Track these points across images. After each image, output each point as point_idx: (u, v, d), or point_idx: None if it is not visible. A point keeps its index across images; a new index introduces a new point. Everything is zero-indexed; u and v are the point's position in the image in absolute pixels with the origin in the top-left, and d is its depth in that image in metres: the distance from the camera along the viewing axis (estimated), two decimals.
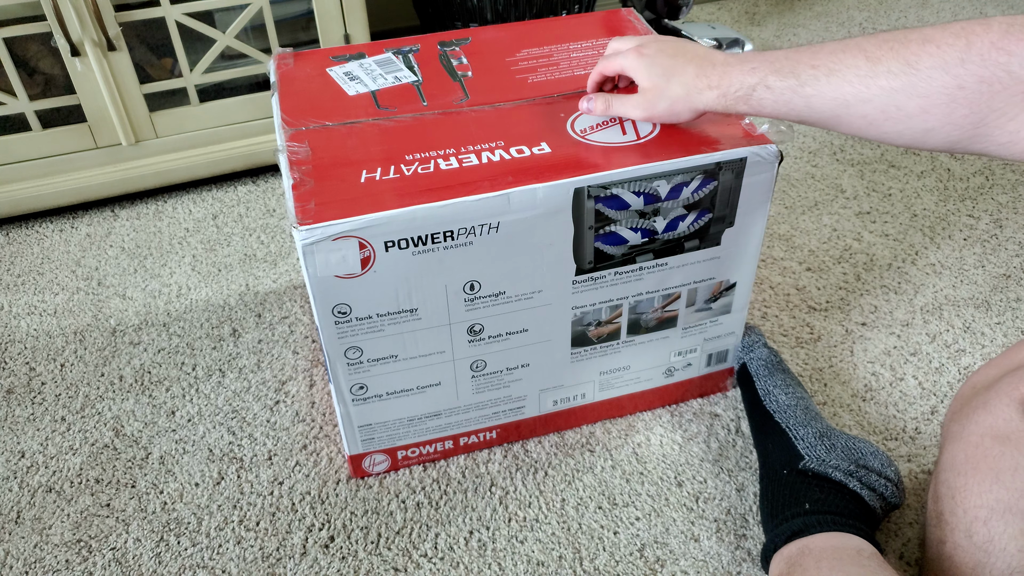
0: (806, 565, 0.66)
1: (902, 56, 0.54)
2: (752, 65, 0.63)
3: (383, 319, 0.71)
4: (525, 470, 0.84)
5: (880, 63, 0.55)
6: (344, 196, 0.66)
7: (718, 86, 0.65)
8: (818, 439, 0.76)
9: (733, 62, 0.65)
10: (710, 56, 0.67)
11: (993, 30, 0.51)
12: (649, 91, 0.70)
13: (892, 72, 0.54)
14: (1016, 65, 0.50)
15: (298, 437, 0.88)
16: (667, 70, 0.69)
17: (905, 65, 0.54)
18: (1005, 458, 0.62)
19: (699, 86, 0.66)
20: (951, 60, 0.52)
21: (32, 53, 1.18)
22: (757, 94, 0.62)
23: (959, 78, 0.52)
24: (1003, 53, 0.50)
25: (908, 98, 0.54)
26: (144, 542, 0.79)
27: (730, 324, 0.85)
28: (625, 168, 0.68)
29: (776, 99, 0.61)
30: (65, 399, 0.93)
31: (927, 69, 0.53)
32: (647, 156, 0.70)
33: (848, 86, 0.57)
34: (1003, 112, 0.51)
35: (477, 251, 0.69)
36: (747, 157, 0.71)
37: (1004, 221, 1.15)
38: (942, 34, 0.53)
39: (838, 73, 0.57)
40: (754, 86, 0.62)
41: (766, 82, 0.62)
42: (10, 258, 1.15)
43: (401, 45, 0.89)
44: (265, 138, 1.23)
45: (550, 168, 0.69)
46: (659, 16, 1.50)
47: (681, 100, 0.68)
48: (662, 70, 0.69)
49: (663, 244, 0.75)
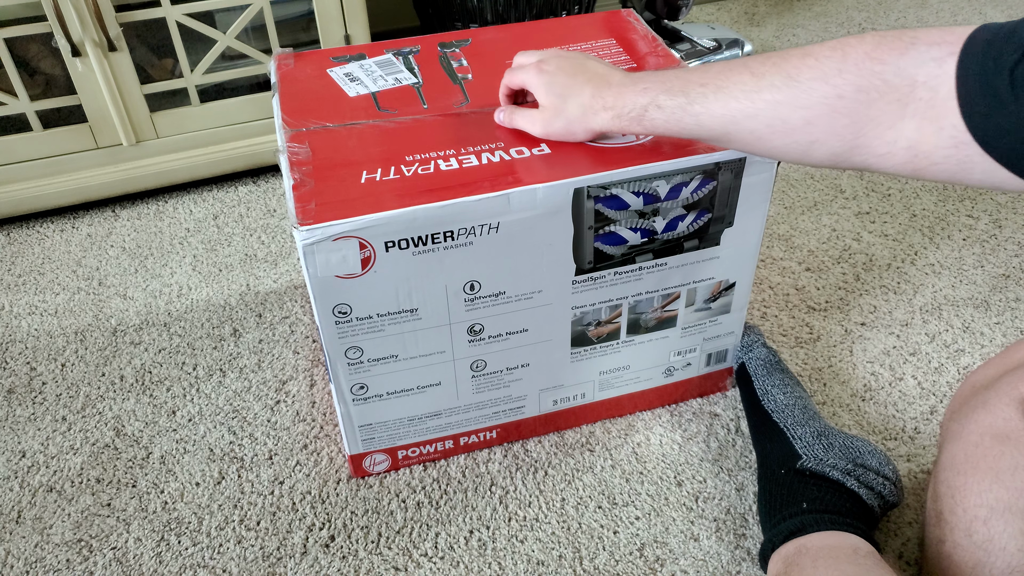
0: (803, 564, 0.66)
1: (784, 70, 0.56)
2: (644, 86, 0.64)
3: (383, 319, 0.71)
4: (525, 470, 0.84)
5: (764, 78, 0.57)
6: (344, 196, 0.66)
7: (612, 107, 0.66)
8: (816, 438, 0.77)
9: (628, 83, 0.66)
10: (608, 76, 0.68)
11: (867, 41, 0.53)
12: (547, 109, 0.71)
13: (775, 86, 0.56)
14: (890, 73, 0.51)
15: (299, 437, 0.88)
16: (565, 89, 0.70)
17: (787, 78, 0.55)
18: (1005, 457, 0.62)
19: (595, 107, 0.68)
20: (829, 71, 0.53)
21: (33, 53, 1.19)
22: (649, 114, 0.64)
23: (838, 88, 0.53)
24: (877, 62, 0.52)
25: (792, 110, 0.55)
26: (145, 542, 0.79)
27: (729, 324, 0.85)
28: (625, 168, 0.69)
29: (667, 118, 0.63)
30: (66, 399, 0.94)
31: (807, 80, 0.54)
32: (646, 156, 0.70)
33: (735, 102, 0.58)
34: (880, 121, 0.52)
35: (477, 251, 0.69)
36: (746, 157, 0.71)
37: (1003, 221, 1.15)
38: (821, 48, 0.55)
39: (725, 90, 0.59)
40: (646, 106, 0.64)
41: (657, 102, 0.63)
42: (11, 258, 1.15)
43: (401, 46, 0.89)
44: (266, 138, 1.23)
45: (550, 168, 0.69)
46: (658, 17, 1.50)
47: (577, 121, 0.69)
48: (560, 89, 0.70)
49: (662, 244, 0.75)
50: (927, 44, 0.50)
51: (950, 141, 0.50)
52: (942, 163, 0.51)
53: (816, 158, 0.57)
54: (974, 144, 0.49)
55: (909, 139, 0.52)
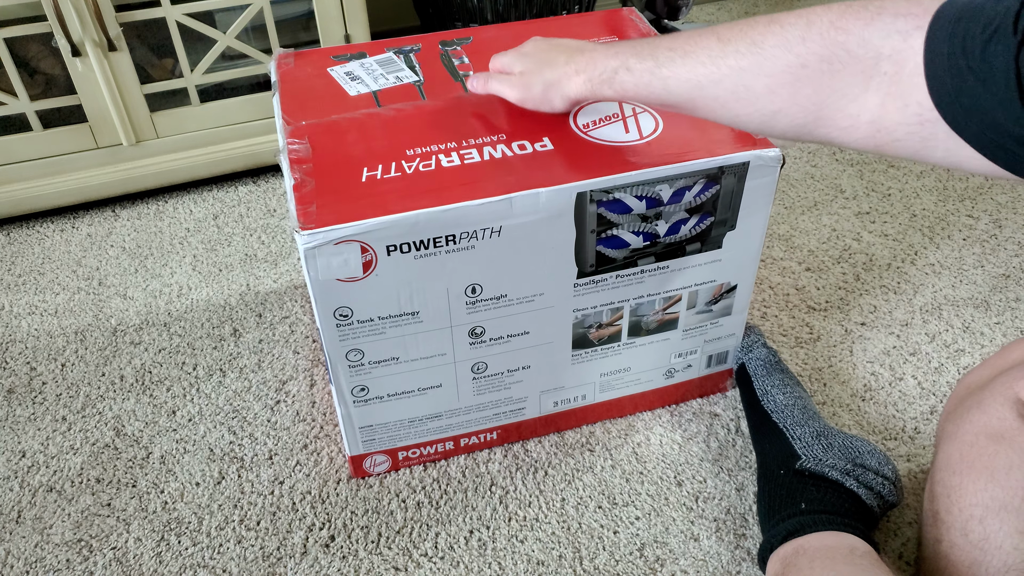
0: (800, 565, 0.66)
1: (749, 36, 0.55)
2: (615, 50, 0.65)
3: (385, 322, 0.71)
4: (525, 470, 0.85)
5: (729, 44, 0.56)
6: (346, 198, 0.66)
7: (584, 70, 0.68)
8: (815, 438, 0.77)
9: (600, 49, 0.68)
10: (582, 46, 0.71)
11: (832, 10, 0.52)
12: (524, 74, 0.74)
13: (740, 52, 0.55)
14: (854, 44, 0.50)
15: (299, 437, 0.88)
16: (540, 60, 0.73)
17: (752, 44, 0.55)
18: (1000, 456, 0.62)
19: (568, 72, 0.69)
20: (793, 39, 0.53)
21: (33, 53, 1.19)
22: (619, 76, 0.64)
23: (801, 56, 0.52)
24: (841, 32, 0.50)
25: (755, 77, 0.55)
26: (145, 541, 0.79)
27: (730, 326, 0.85)
28: (628, 172, 0.68)
29: (636, 81, 0.63)
30: (66, 399, 0.94)
31: (771, 48, 0.54)
32: (650, 159, 0.70)
33: (701, 67, 0.58)
34: (844, 93, 0.51)
35: (479, 255, 0.69)
36: (750, 161, 0.71)
37: (1003, 221, 1.15)
38: (787, 16, 0.54)
39: (692, 55, 0.59)
40: (616, 69, 0.64)
41: (627, 64, 0.63)
42: (11, 258, 1.15)
43: (402, 45, 0.89)
44: (266, 138, 1.23)
45: (553, 169, 0.69)
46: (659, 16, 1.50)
47: (553, 85, 0.71)
48: (536, 60, 0.73)
49: (665, 247, 0.75)
50: (892, 15, 0.49)
51: (915, 118, 0.49)
52: (904, 140, 0.50)
53: (780, 128, 0.56)
54: (941, 123, 0.47)
55: (872, 113, 0.51)
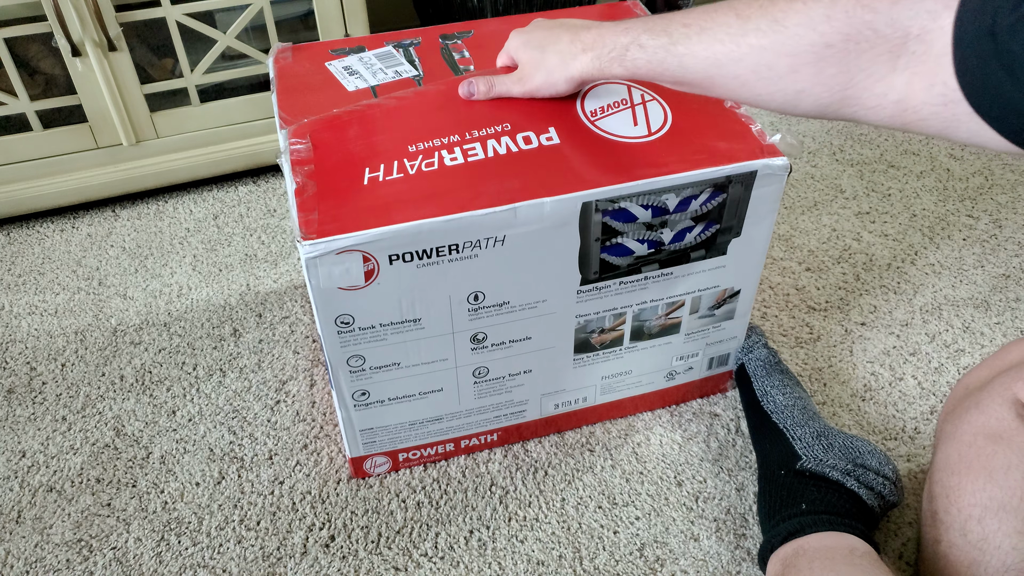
0: (799, 566, 0.66)
1: (770, 14, 0.53)
2: (626, 26, 0.63)
3: (386, 329, 0.70)
4: (525, 470, 0.84)
5: (750, 21, 0.54)
6: (348, 203, 0.65)
7: (592, 47, 0.65)
8: (815, 439, 0.77)
9: (608, 25, 0.65)
10: (587, 23, 0.68)
11: None
12: (527, 64, 0.71)
13: (761, 30, 0.53)
14: (881, 23, 0.49)
15: (299, 437, 0.88)
16: (543, 41, 0.70)
17: (773, 22, 0.53)
18: (998, 457, 0.62)
19: (573, 51, 0.67)
20: (817, 17, 0.51)
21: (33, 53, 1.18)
22: (631, 53, 0.62)
23: (825, 35, 0.51)
24: (868, 10, 0.49)
25: (777, 56, 0.53)
26: (145, 541, 0.79)
27: (732, 329, 0.85)
28: (634, 182, 0.67)
29: (649, 58, 0.61)
30: (66, 399, 0.94)
31: (794, 26, 0.52)
32: (657, 164, 0.69)
33: (719, 44, 0.56)
34: (870, 73, 0.50)
35: (482, 263, 0.68)
36: (758, 170, 0.70)
37: (1003, 221, 1.15)
38: None
39: (709, 31, 0.57)
40: (627, 45, 0.62)
41: (639, 41, 0.61)
42: (11, 258, 1.15)
43: (402, 38, 0.88)
44: (266, 138, 1.23)
45: (558, 172, 0.68)
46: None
47: (557, 69, 0.69)
48: (538, 42, 0.70)
49: (669, 255, 0.74)
50: None
51: (940, 99, 0.48)
52: (930, 119, 0.49)
53: (804, 108, 0.55)
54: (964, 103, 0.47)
55: (899, 92, 0.50)
